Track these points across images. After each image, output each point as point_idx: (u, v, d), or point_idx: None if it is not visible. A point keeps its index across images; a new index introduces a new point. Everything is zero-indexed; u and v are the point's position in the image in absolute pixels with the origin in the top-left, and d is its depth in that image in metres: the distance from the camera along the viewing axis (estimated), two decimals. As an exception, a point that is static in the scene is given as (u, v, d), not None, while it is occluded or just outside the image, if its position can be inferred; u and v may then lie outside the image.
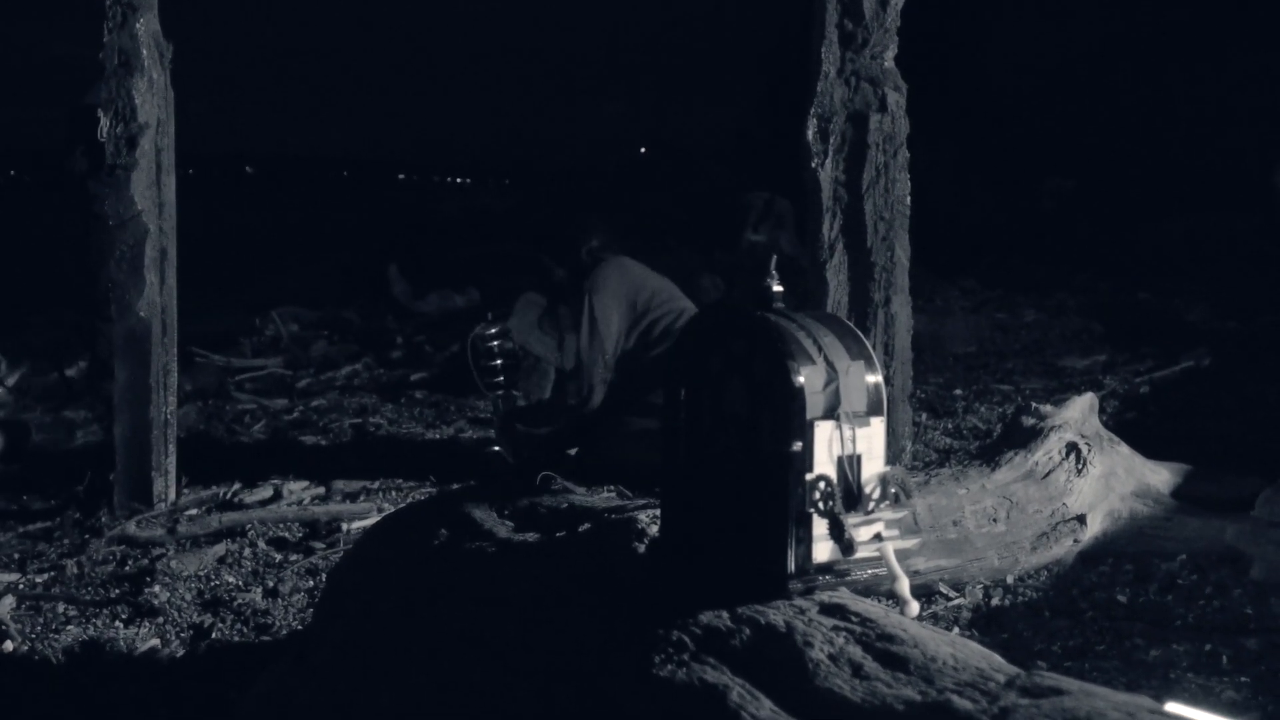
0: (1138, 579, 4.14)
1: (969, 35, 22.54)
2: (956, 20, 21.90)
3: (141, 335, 5.34)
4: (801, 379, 2.19)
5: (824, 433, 2.21)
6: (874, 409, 2.28)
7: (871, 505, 2.23)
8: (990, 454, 4.36)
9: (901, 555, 2.29)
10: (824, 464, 2.20)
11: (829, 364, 2.24)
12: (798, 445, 2.18)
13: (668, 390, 2.43)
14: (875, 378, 2.29)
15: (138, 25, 5.30)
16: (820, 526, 2.20)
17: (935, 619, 3.85)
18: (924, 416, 6.97)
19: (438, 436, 7.01)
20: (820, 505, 2.18)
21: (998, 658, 2.05)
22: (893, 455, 5.16)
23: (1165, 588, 4.07)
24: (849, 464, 2.23)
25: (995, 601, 4.01)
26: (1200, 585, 4.06)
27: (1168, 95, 18.72)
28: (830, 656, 2.00)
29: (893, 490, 2.25)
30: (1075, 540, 4.21)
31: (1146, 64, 19.58)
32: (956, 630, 3.77)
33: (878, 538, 2.24)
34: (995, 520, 4.09)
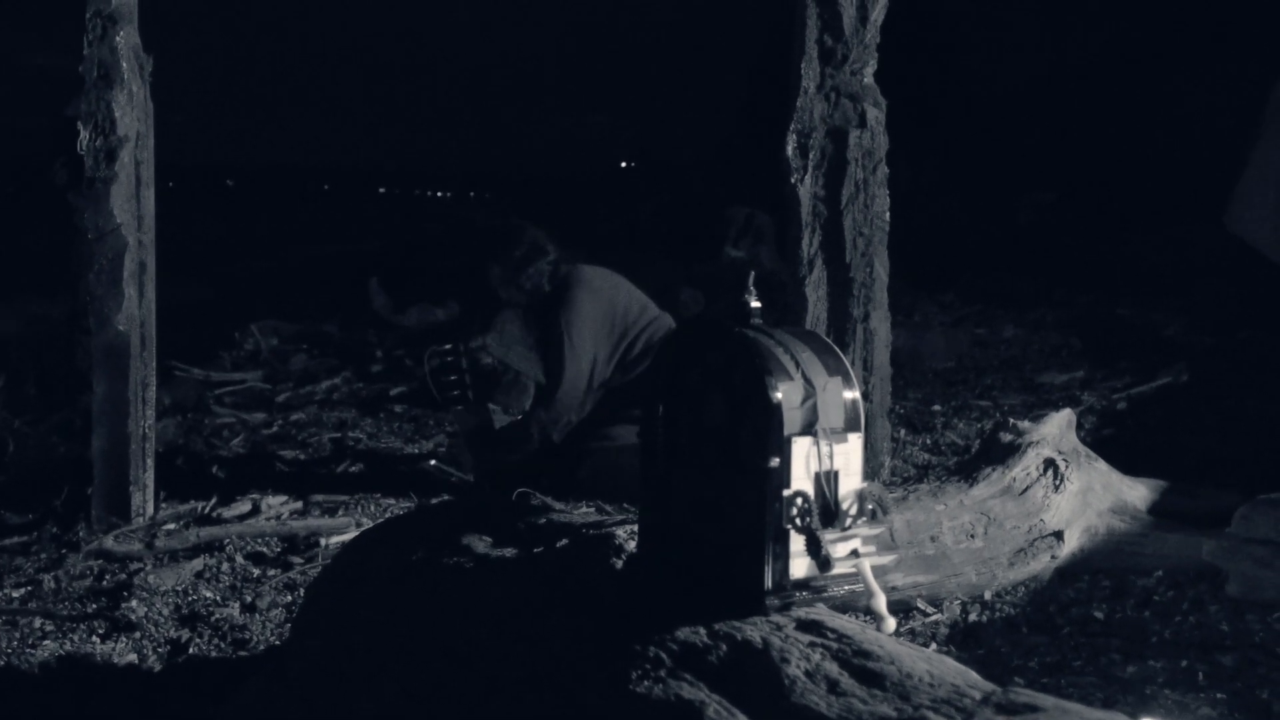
0: (1115, 595, 4.16)
1: (949, 51, 22.63)
2: (936, 36, 21.99)
3: (120, 348, 5.32)
4: (779, 395, 2.20)
5: (801, 449, 2.22)
6: (851, 425, 2.29)
7: (849, 521, 2.24)
8: (968, 470, 4.37)
9: (878, 571, 2.30)
10: (801, 480, 2.22)
11: (807, 380, 2.25)
12: (775, 461, 2.19)
13: (647, 405, 2.44)
14: (853, 394, 2.30)
15: (117, 38, 5.30)
16: (798, 543, 2.20)
17: (913, 635, 3.86)
18: (903, 432, 6.98)
19: (417, 451, 7.01)
20: (797, 521, 2.19)
21: (974, 674, 2.05)
22: (871, 471, 5.17)
23: (1142, 604, 4.08)
24: (826, 480, 2.24)
25: (973, 617, 4.01)
26: (1177, 601, 4.08)
27: (1147, 109, 18.81)
28: (807, 673, 2.01)
29: (870, 506, 2.26)
30: (1052, 556, 4.23)
31: (1126, 78, 19.67)
32: (934, 646, 3.78)
33: (854, 554, 2.25)
34: (973, 536, 4.10)
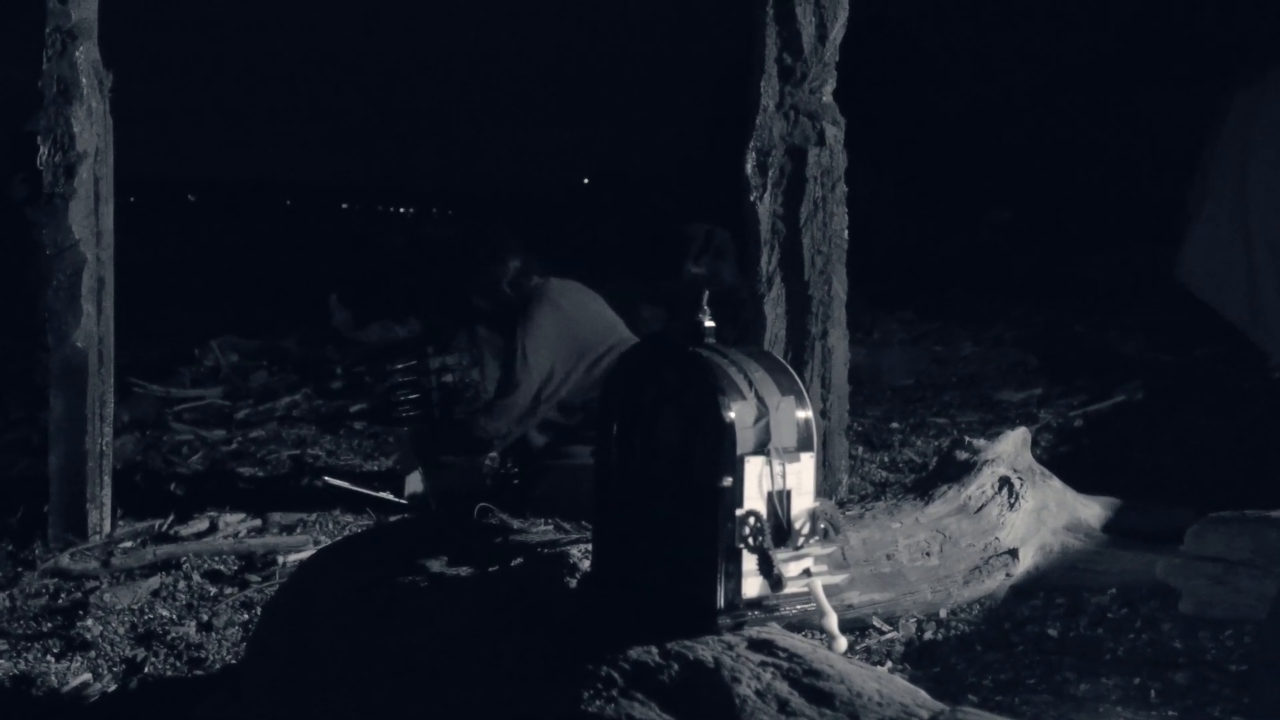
0: (1069, 612, 4.19)
1: (908, 70, 22.77)
2: (896, 56, 22.12)
3: (78, 365, 5.29)
4: (732, 414, 2.22)
5: (754, 468, 2.23)
6: (804, 444, 2.30)
7: (801, 541, 2.26)
8: (924, 488, 4.40)
9: (831, 590, 2.31)
10: (754, 499, 2.23)
11: (760, 400, 2.27)
12: (728, 481, 2.20)
13: (601, 423, 2.45)
14: (805, 413, 2.32)
15: (77, 54, 5.28)
16: (750, 562, 2.22)
17: (869, 653, 3.88)
18: (860, 449, 7.01)
19: (376, 468, 6.99)
20: (750, 541, 2.20)
21: (923, 694, 2.07)
22: (829, 489, 5.19)
23: (1096, 621, 4.11)
24: (779, 499, 2.25)
25: (928, 635, 4.04)
26: (1130, 619, 4.11)
27: (1105, 128, 18.96)
28: (757, 692, 2.02)
29: (822, 525, 2.28)
30: (1007, 574, 4.25)
31: (1084, 97, 19.83)
32: (890, 664, 3.80)
33: (807, 573, 2.26)
34: (928, 554, 4.13)
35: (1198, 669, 3.69)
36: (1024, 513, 4.34)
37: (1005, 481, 4.37)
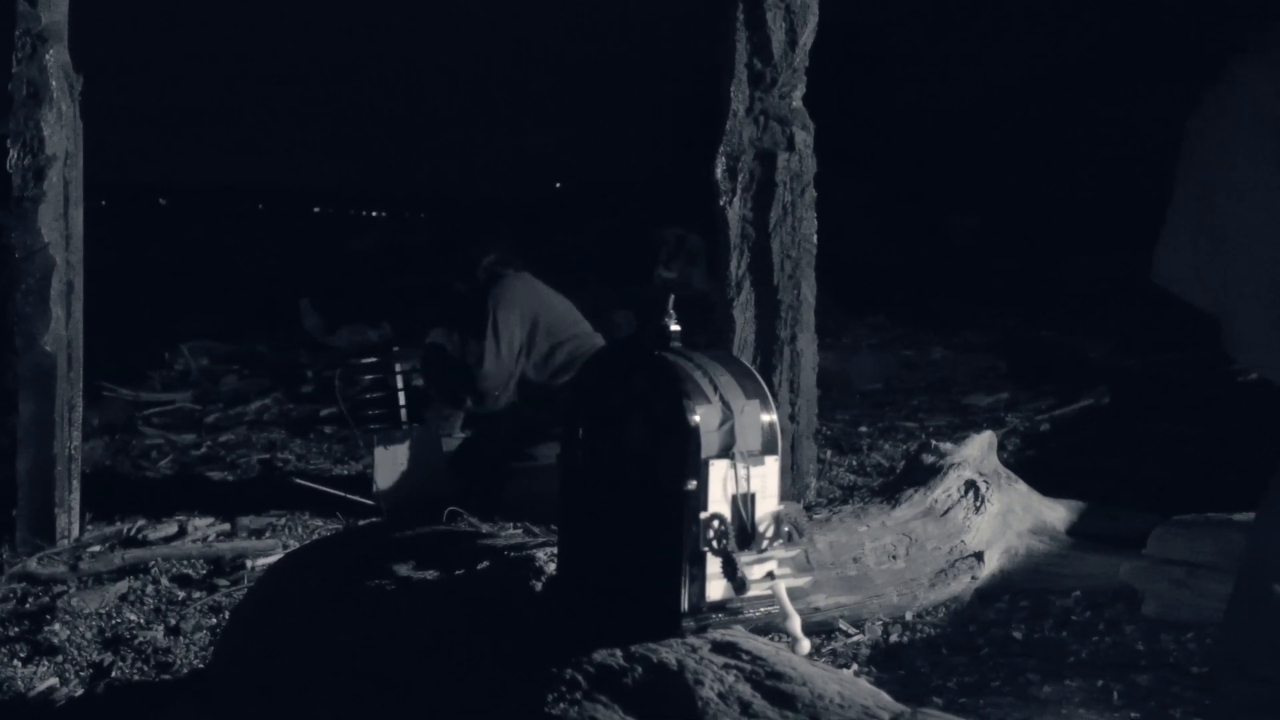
0: (1033, 615, 4.22)
1: (879, 76, 22.85)
2: (867, 61, 22.20)
3: (47, 369, 5.28)
4: (697, 418, 2.22)
5: (719, 471, 2.24)
6: (769, 448, 2.31)
7: (765, 544, 2.27)
8: (891, 491, 4.43)
9: (795, 593, 2.33)
10: (719, 502, 2.24)
11: (725, 403, 2.28)
12: (693, 484, 2.21)
13: (567, 428, 2.46)
14: (770, 417, 2.33)
15: (47, 57, 5.27)
16: (714, 565, 2.22)
17: (835, 656, 3.90)
18: (829, 454, 7.03)
19: (346, 472, 6.98)
20: (714, 544, 2.21)
21: (884, 695, 2.09)
22: (797, 492, 5.21)
23: (1060, 624, 4.14)
24: (743, 503, 2.26)
25: (894, 638, 4.06)
26: (1094, 621, 4.15)
27: (1075, 134, 19.05)
28: (720, 694, 2.04)
29: (786, 529, 2.29)
30: (973, 577, 4.28)
31: (1054, 103, 19.92)
32: (855, 667, 3.83)
33: (770, 576, 2.28)
34: (895, 557, 4.15)
35: (1160, 671, 3.73)
36: (990, 516, 4.37)
37: (971, 485, 4.40)
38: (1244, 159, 2.72)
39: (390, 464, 5.89)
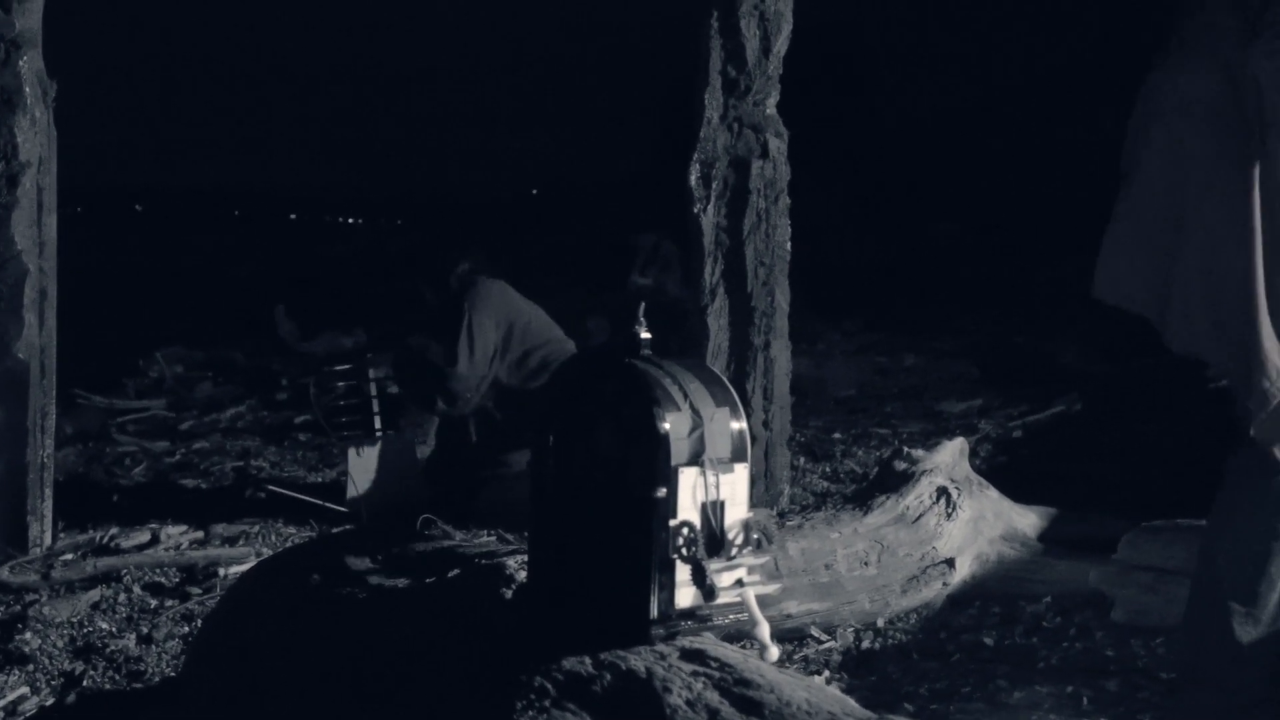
0: (1004, 621, 4.24)
1: (854, 82, 22.91)
2: (841, 67, 22.26)
3: (19, 377, 5.26)
4: (667, 425, 2.23)
5: (688, 479, 2.24)
6: (738, 455, 2.32)
7: (734, 551, 2.27)
8: (863, 498, 4.45)
9: (764, 600, 2.33)
10: (688, 510, 2.24)
11: (694, 411, 2.29)
12: (662, 491, 2.21)
13: (537, 435, 2.46)
14: (740, 424, 2.34)
15: (20, 63, 5.25)
16: (684, 572, 2.23)
17: (806, 662, 3.91)
18: (802, 460, 7.04)
19: (320, 480, 6.97)
20: (683, 551, 2.22)
21: (851, 702, 2.10)
22: (771, 499, 5.23)
23: (1030, 630, 4.17)
24: (712, 510, 2.27)
25: (866, 644, 4.08)
26: (1064, 627, 4.17)
27: (1050, 140, 19.12)
28: (688, 702, 2.04)
29: (755, 536, 2.30)
30: (944, 583, 4.30)
31: (1029, 110, 20.00)
32: (827, 674, 3.84)
33: (740, 583, 2.28)
34: (866, 564, 4.17)
35: (1129, 676, 3.75)
36: (961, 522, 4.39)
37: (943, 491, 4.42)
38: (1172, 151, 2.77)
39: (364, 471, 5.90)
